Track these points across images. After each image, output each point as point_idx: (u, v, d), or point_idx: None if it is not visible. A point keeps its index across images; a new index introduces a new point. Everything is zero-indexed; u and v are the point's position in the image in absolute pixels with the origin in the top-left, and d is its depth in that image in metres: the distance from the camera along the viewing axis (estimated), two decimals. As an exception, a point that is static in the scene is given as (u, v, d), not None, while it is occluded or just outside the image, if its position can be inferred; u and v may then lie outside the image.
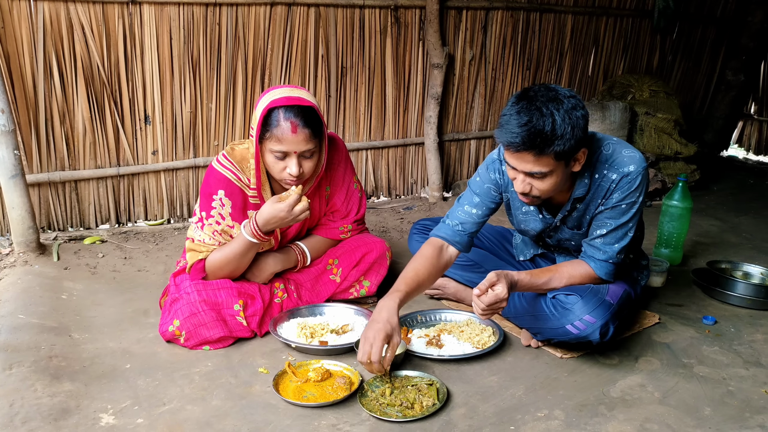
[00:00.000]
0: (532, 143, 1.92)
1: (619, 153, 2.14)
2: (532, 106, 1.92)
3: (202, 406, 1.93)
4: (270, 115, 2.19)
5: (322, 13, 3.81)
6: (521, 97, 1.97)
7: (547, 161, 1.96)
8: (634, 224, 2.20)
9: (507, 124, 1.95)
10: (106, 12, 3.22)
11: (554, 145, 1.92)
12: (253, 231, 2.27)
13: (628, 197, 2.13)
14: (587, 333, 2.11)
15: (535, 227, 2.39)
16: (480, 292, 2.02)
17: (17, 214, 2.93)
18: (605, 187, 2.15)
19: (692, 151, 4.73)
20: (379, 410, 1.90)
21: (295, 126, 2.17)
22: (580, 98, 1.99)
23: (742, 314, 2.71)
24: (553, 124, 1.90)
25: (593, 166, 2.15)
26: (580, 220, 2.29)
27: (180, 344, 2.26)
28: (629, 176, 2.11)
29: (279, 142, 2.19)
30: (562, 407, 1.99)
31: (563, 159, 1.98)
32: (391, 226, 3.80)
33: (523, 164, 1.99)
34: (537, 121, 1.90)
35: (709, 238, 3.76)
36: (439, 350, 2.27)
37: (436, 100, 4.26)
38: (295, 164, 2.22)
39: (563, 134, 1.91)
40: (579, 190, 2.18)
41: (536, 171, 1.98)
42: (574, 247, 2.40)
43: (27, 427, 1.76)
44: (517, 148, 1.94)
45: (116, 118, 3.40)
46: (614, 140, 2.19)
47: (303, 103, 2.21)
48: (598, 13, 5.01)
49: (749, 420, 1.96)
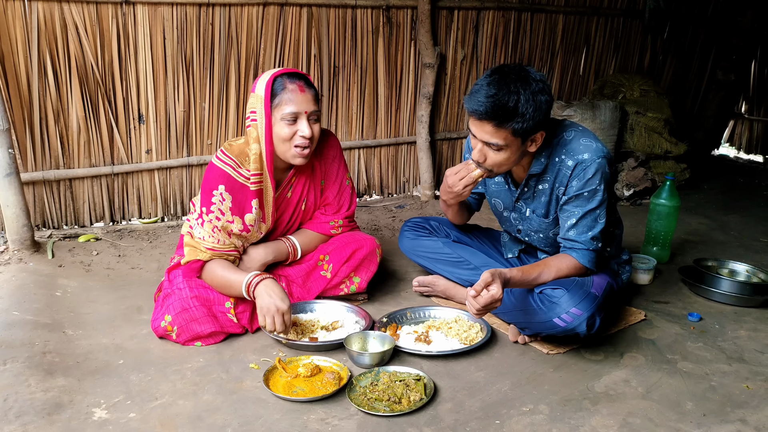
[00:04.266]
0: (495, 114, 2.06)
1: (577, 141, 2.25)
2: (502, 82, 2.07)
3: (194, 400, 1.96)
4: (275, 84, 2.34)
5: (314, 13, 3.84)
6: (495, 71, 2.12)
7: (504, 135, 2.10)
8: (602, 212, 2.28)
9: (476, 93, 2.10)
10: (99, 12, 3.24)
11: (513, 121, 2.06)
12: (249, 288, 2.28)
13: (587, 185, 2.23)
14: (575, 325, 2.15)
15: (504, 200, 2.52)
16: (476, 293, 2.06)
17: (12, 212, 2.95)
18: (564, 173, 2.26)
19: (682, 150, 4.76)
20: (367, 405, 1.94)
21: (302, 87, 2.35)
22: (548, 84, 2.14)
23: (727, 311, 2.75)
24: (517, 102, 2.05)
25: (552, 147, 2.28)
26: (546, 208, 2.37)
27: (172, 339, 2.29)
28: (583, 164, 2.21)
29: (290, 103, 2.32)
30: (547, 402, 2.02)
31: (520, 137, 2.12)
32: (383, 224, 3.84)
33: (482, 133, 2.13)
34: (503, 96, 2.04)
35: (697, 236, 3.80)
36: (428, 346, 2.31)
37: (428, 99, 4.29)
38: (306, 125, 2.35)
39: (524, 113, 2.05)
40: (535, 167, 2.31)
41: (493, 142, 2.12)
42: (545, 242, 2.49)
43: (21, 421, 1.79)
44: (480, 116, 2.09)
45: (110, 117, 3.42)
46: (580, 129, 2.30)
47: (300, 72, 2.40)
48: (589, 13, 5.04)
49: (730, 414, 1.99)
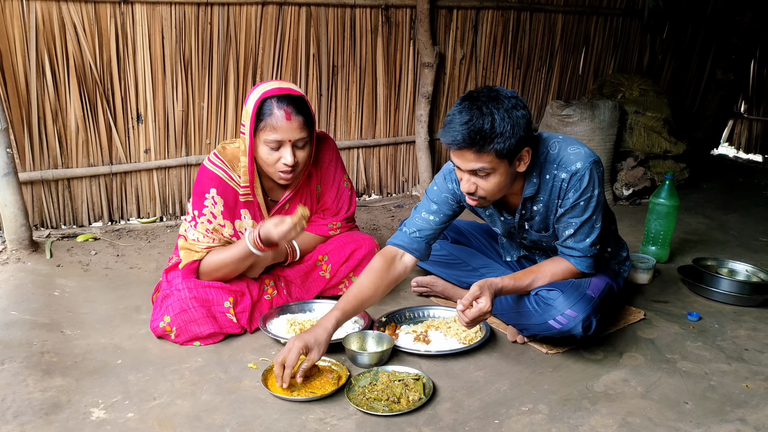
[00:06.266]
0: (472, 141, 1.97)
1: (564, 151, 2.17)
2: (473, 106, 1.98)
3: (192, 400, 1.96)
4: (263, 105, 2.25)
5: (313, 13, 3.83)
6: (465, 98, 2.04)
7: (488, 158, 2.01)
8: (598, 217, 2.23)
9: (449, 124, 2.02)
10: (98, 11, 3.23)
11: (494, 142, 1.97)
12: (255, 241, 2.28)
13: (584, 194, 2.16)
14: (570, 327, 2.14)
15: (499, 229, 2.45)
16: (463, 307, 2.06)
17: (10, 211, 2.95)
18: (558, 186, 2.18)
19: (681, 149, 4.75)
20: (365, 404, 1.93)
21: (289, 114, 2.24)
22: (521, 99, 2.05)
23: (727, 311, 2.74)
24: (492, 122, 1.96)
25: (541, 166, 2.18)
26: (545, 223, 2.30)
27: (171, 340, 2.29)
28: (578, 174, 2.13)
29: (274, 131, 2.23)
30: (546, 401, 2.02)
31: (505, 158, 2.02)
32: (382, 224, 3.83)
33: (466, 162, 2.04)
34: (477, 119, 1.96)
35: (696, 236, 3.80)
36: (426, 346, 2.30)
37: (427, 98, 4.29)
38: (290, 153, 2.27)
39: (503, 132, 1.97)
40: (528, 190, 2.21)
41: (478, 168, 2.03)
42: (547, 247, 2.43)
43: (18, 421, 1.79)
44: (459, 146, 2.00)
45: (109, 116, 3.42)
46: (560, 138, 2.22)
47: (293, 93, 2.28)
48: (589, 13, 5.04)
49: (729, 414, 1.99)
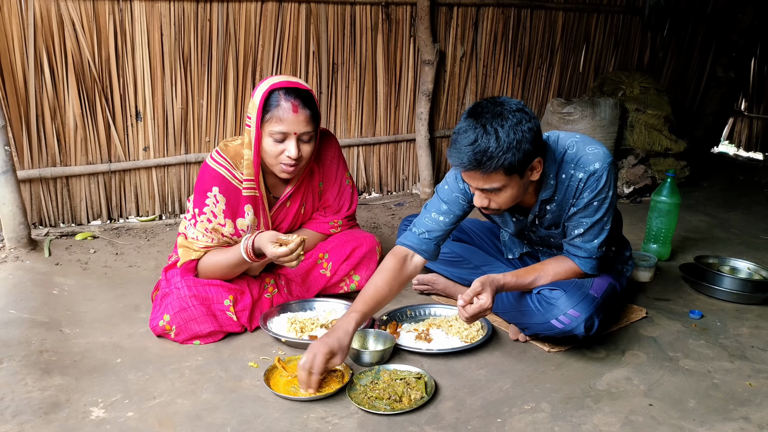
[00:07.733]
0: (479, 163, 1.93)
1: (583, 151, 2.13)
2: (478, 124, 1.93)
3: (192, 399, 1.94)
4: (270, 97, 2.25)
5: (313, 10, 3.82)
6: (470, 114, 1.98)
7: (497, 177, 1.97)
8: (609, 219, 2.21)
9: (455, 143, 1.97)
10: (96, 8, 3.21)
11: (501, 161, 1.92)
12: (247, 249, 2.26)
13: (599, 194, 2.13)
14: (572, 327, 2.13)
15: (511, 229, 2.44)
16: (464, 303, 2.05)
17: (8, 210, 2.93)
18: (574, 186, 2.15)
19: (682, 147, 4.75)
20: (367, 403, 1.92)
21: (296, 106, 2.23)
22: (528, 110, 1.98)
23: (729, 308, 2.74)
24: (498, 141, 1.90)
25: (559, 167, 2.15)
26: (556, 221, 2.28)
27: (170, 339, 2.27)
28: (596, 174, 2.10)
29: (280, 122, 2.23)
30: (549, 400, 2.01)
31: (515, 173, 1.98)
32: (382, 222, 3.82)
33: (475, 182, 2.02)
34: (482, 141, 1.91)
35: (698, 234, 3.79)
36: (428, 344, 2.29)
37: (428, 96, 4.28)
38: (294, 146, 2.26)
39: (509, 149, 1.91)
40: (545, 193, 2.18)
41: (487, 188, 2.00)
42: (554, 244, 2.42)
43: (17, 420, 1.77)
44: (465, 168, 1.96)
45: (107, 114, 3.40)
46: (577, 137, 2.18)
47: (302, 87, 2.28)
48: (589, 10, 5.02)
49: (733, 412, 1.98)
